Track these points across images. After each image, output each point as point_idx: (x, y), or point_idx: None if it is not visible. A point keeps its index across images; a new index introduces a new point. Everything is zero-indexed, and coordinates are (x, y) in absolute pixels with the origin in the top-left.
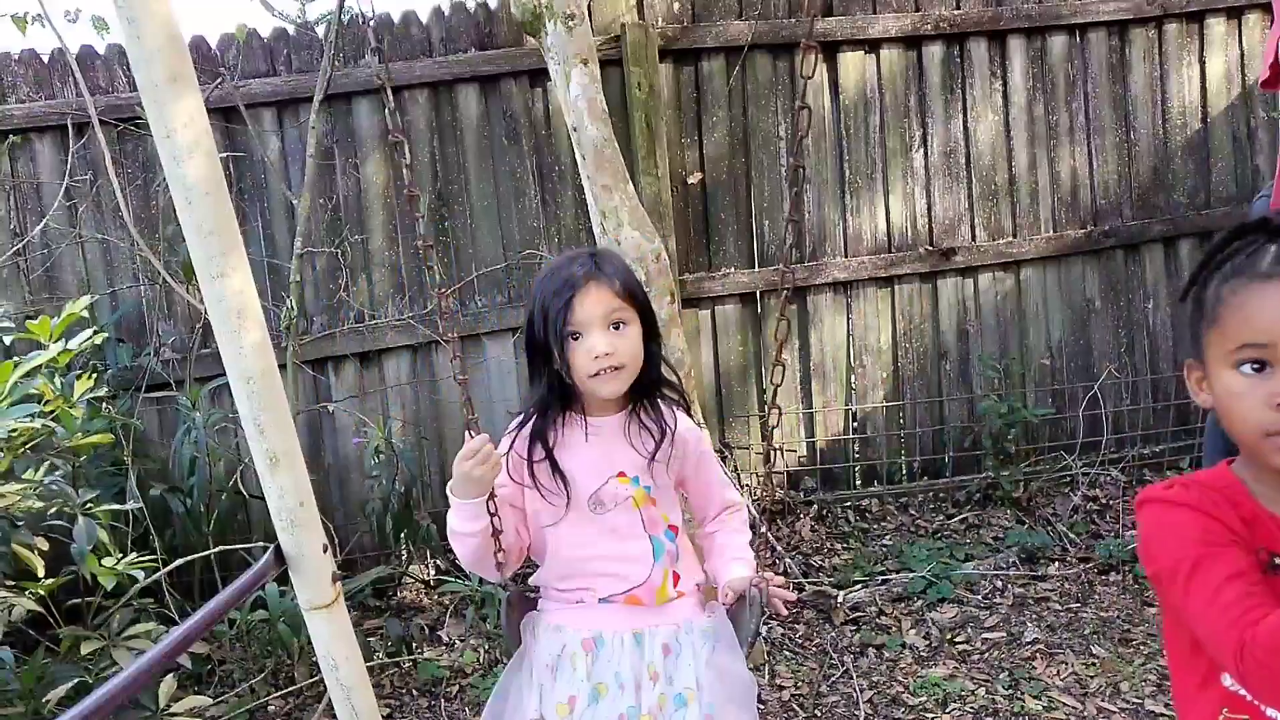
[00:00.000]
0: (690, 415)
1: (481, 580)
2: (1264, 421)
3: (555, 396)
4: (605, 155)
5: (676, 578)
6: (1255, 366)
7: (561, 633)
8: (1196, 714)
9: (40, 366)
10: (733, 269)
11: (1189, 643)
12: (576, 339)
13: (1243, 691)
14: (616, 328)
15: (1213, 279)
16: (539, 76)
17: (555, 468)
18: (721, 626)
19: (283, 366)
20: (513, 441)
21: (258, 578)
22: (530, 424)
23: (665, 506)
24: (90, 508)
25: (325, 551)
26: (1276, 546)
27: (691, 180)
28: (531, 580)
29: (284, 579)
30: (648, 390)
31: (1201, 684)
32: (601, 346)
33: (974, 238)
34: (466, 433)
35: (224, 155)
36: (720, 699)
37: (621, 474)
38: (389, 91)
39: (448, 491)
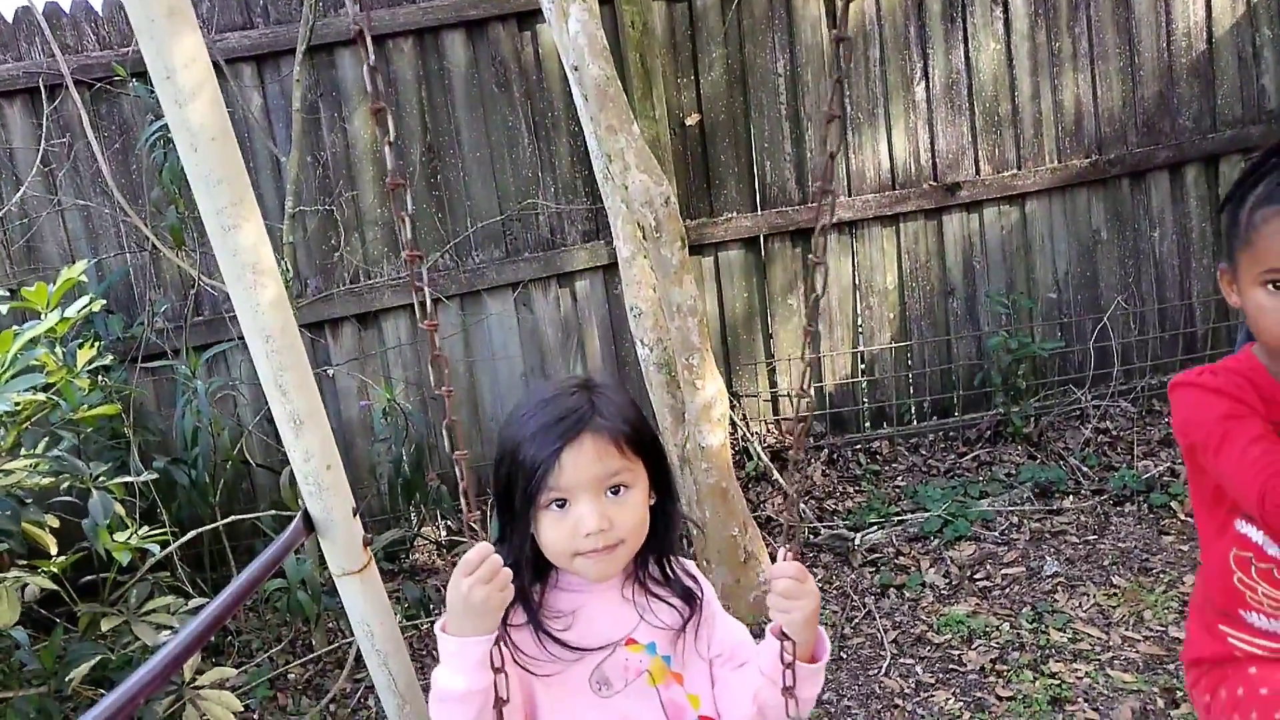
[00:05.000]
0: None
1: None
2: None
3: (531, 562)
4: (609, 94)
5: None
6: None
7: None
8: (1214, 554)
9: (39, 336)
10: (735, 213)
11: (1210, 499)
12: (561, 507)
13: (1248, 533)
14: (615, 492)
15: (1248, 199)
16: (528, 19)
17: (543, 631)
18: None
19: None
20: None
21: (288, 545)
22: None
23: (693, 686)
24: (102, 482)
25: (355, 515)
26: None
27: (689, 122)
28: None
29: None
30: (658, 553)
31: (1219, 530)
32: (591, 522)
33: (978, 171)
34: (466, 536)
35: None
36: None
37: (631, 640)
38: (369, 46)
39: (437, 631)
